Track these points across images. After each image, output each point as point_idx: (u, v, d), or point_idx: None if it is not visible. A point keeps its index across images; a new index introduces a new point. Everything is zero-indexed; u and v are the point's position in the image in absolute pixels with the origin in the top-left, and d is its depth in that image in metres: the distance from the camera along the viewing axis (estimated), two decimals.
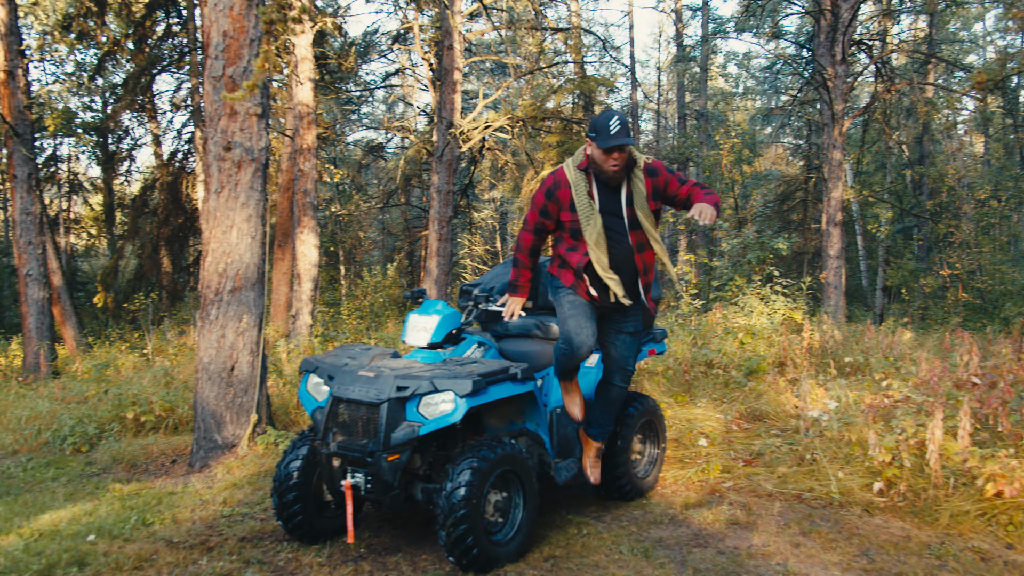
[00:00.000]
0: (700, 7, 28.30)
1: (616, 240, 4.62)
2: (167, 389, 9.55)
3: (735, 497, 5.55)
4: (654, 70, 34.74)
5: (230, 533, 5.31)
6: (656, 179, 4.62)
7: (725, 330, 10.24)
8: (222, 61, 6.86)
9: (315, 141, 13.39)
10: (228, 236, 7.02)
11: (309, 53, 12.93)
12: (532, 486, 4.58)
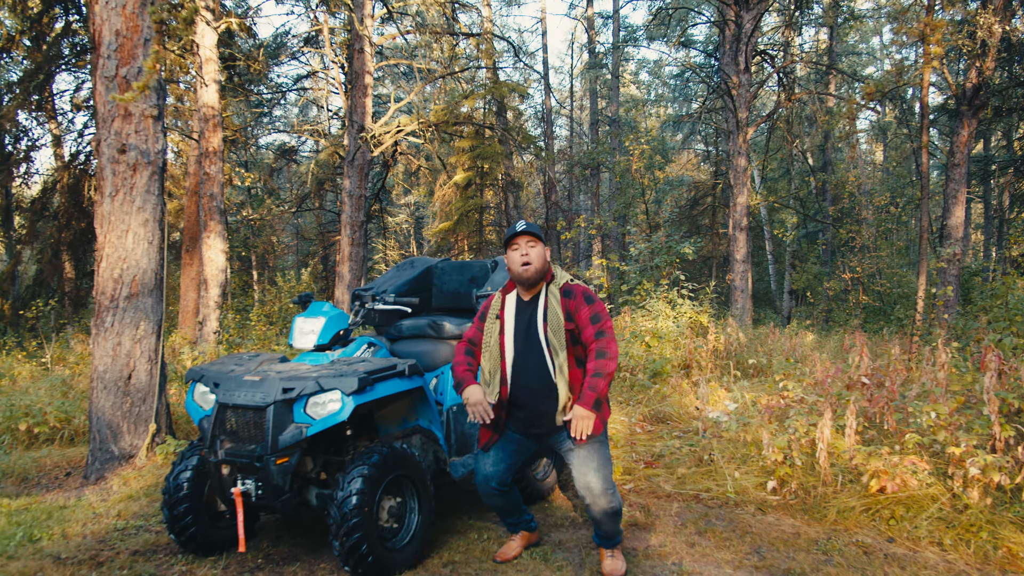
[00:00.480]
0: (611, 15, 28.71)
1: (529, 361, 4.22)
2: (63, 399, 9.23)
3: (635, 499, 5.64)
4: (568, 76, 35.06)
5: (122, 547, 5.16)
6: (570, 301, 4.22)
7: (632, 334, 10.40)
8: (115, 61, 6.67)
9: (221, 144, 13.12)
10: (124, 241, 6.83)
11: (214, 54, 12.67)
12: (427, 490, 4.58)
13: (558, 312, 4.17)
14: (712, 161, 28.57)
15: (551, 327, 4.17)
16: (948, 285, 14.36)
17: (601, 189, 27.17)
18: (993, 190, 29.06)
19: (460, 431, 5.29)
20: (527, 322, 4.26)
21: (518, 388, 4.25)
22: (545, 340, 4.17)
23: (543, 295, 4.25)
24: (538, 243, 4.21)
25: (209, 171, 13.12)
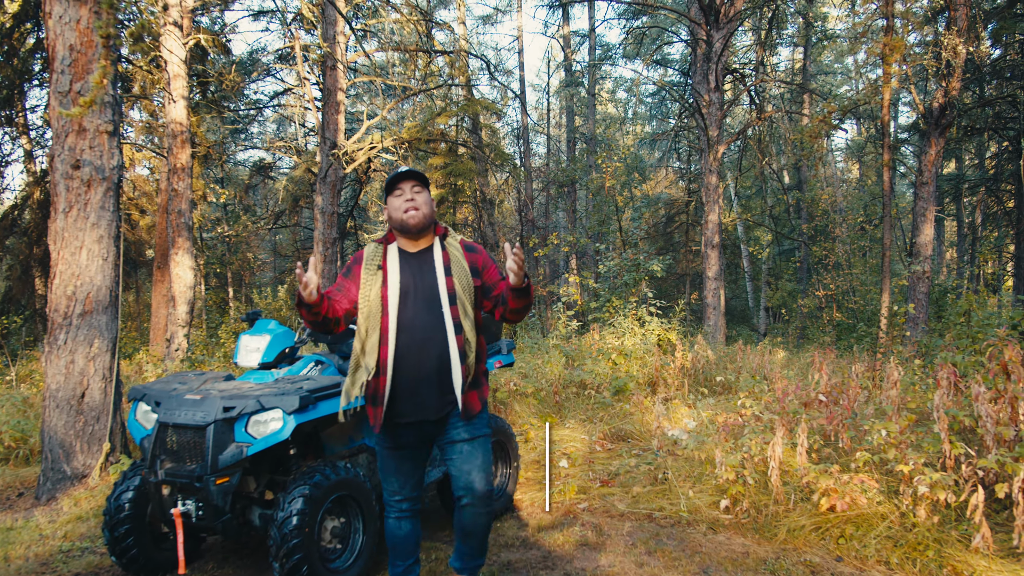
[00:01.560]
0: (587, 33, 28.86)
1: (420, 319, 3.59)
2: (21, 418, 9.10)
3: (588, 518, 5.61)
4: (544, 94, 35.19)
5: (65, 570, 5.07)
6: (474, 256, 3.75)
7: (599, 351, 10.39)
8: (69, 76, 6.61)
9: (189, 161, 13.05)
10: (77, 258, 6.75)
11: (182, 70, 12.62)
12: (372, 510, 4.53)
13: (464, 265, 3.66)
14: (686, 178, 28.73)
15: (459, 282, 3.63)
16: (912, 303, 14.44)
17: (578, 206, 27.24)
18: (965, 208, 29.33)
19: None
20: (419, 276, 3.65)
21: (405, 357, 3.57)
22: (450, 298, 3.59)
23: (437, 248, 3.71)
24: (424, 189, 3.71)
25: (177, 187, 13.04)
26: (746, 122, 18.90)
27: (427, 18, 18.97)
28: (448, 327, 3.58)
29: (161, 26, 12.68)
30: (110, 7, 5.46)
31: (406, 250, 3.73)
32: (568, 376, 9.53)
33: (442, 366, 3.58)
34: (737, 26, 16.99)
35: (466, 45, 22.69)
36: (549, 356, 10.32)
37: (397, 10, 18.23)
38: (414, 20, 17.79)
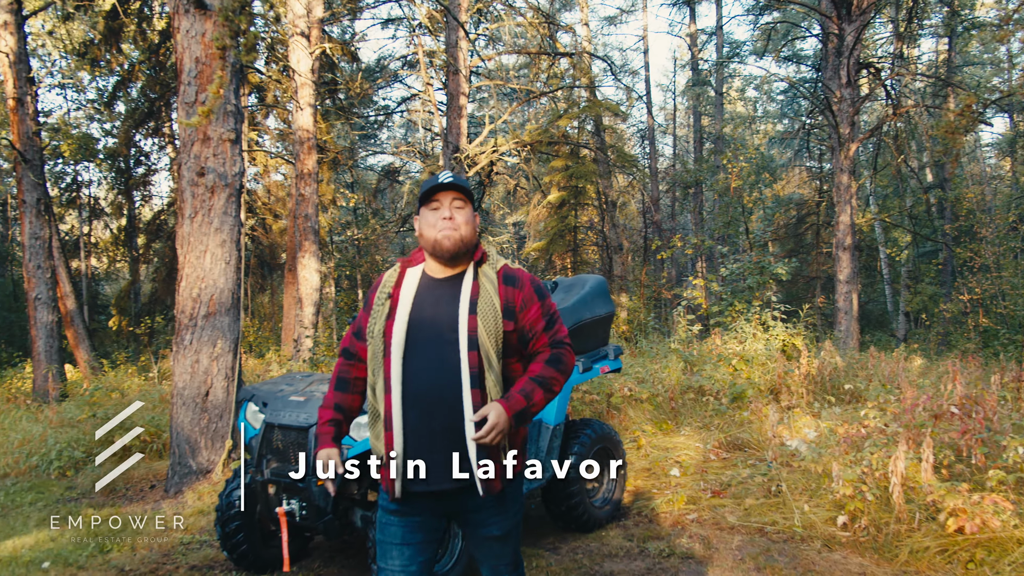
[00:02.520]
0: (714, 31, 28.25)
1: (431, 363, 2.81)
2: (156, 413, 9.57)
3: (697, 530, 5.42)
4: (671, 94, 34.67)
5: (183, 561, 5.27)
6: (514, 291, 2.92)
7: (719, 356, 10.10)
8: (194, 87, 6.89)
9: (315, 166, 13.46)
10: (202, 261, 7.03)
11: (309, 79, 13.03)
12: None
13: (495, 303, 2.85)
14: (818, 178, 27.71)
15: (484, 323, 2.81)
16: None
17: (704, 208, 26.70)
18: None
19: None
20: (437, 310, 2.87)
21: (413, 411, 2.81)
22: (469, 341, 2.78)
23: (468, 276, 2.90)
24: (467, 204, 2.92)
25: (304, 192, 13.47)
26: (881, 118, 18.05)
27: (550, 21, 18.99)
28: (463, 379, 2.76)
29: (289, 37, 13.11)
30: (225, 20, 5.65)
31: (431, 275, 2.94)
32: (686, 382, 9.29)
33: (454, 428, 2.77)
34: (871, 18, 16.25)
35: (589, 47, 22.58)
36: (667, 361, 10.10)
37: (520, 14, 18.31)
38: (537, 23, 17.82)
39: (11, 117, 13.86)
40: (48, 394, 13.67)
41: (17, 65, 13.71)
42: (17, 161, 13.81)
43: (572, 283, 5.83)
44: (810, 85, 23.82)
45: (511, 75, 22.43)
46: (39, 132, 14.32)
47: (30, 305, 13.99)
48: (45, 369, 13.85)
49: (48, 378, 13.77)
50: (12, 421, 10.77)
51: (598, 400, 8.32)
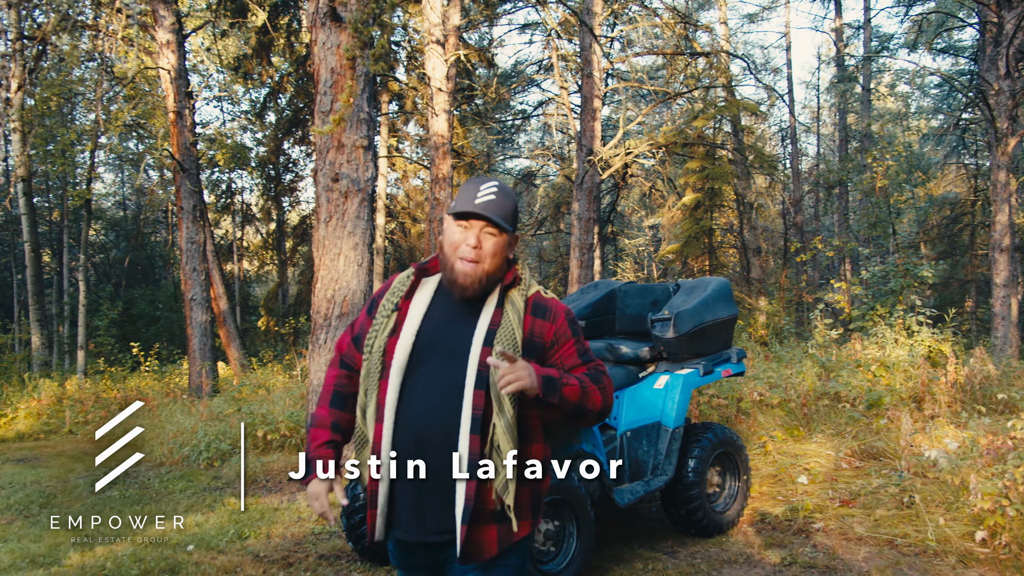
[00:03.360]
0: (862, 24, 27.19)
1: (431, 394, 2.42)
2: (296, 409, 10.03)
3: (821, 539, 5.27)
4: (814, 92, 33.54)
5: (312, 551, 5.52)
6: (544, 324, 2.52)
7: (856, 362, 9.73)
8: (330, 96, 7.20)
9: (450, 171, 13.76)
10: (336, 264, 7.32)
11: (444, 86, 13.34)
12: (586, 515, 4.53)
13: (515, 337, 2.44)
14: (973, 176, 26.20)
15: (501, 345, 2.41)
16: None
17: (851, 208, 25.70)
18: None
19: (634, 457, 5.20)
20: (450, 332, 2.49)
21: (406, 445, 2.40)
22: (477, 378, 2.38)
23: (492, 301, 2.50)
24: (500, 234, 2.46)
25: (439, 196, 13.79)
26: None
27: (686, 21, 18.74)
28: (463, 419, 2.36)
29: (424, 45, 13.47)
30: (355, 32, 5.88)
31: (450, 291, 2.54)
32: (820, 387, 9.00)
33: (444, 474, 2.36)
34: None
35: (728, 46, 22.15)
36: (802, 366, 9.81)
37: (656, 15, 18.16)
38: (673, 24, 17.64)
39: (171, 129, 14.80)
40: (201, 389, 14.52)
41: (177, 81, 14.63)
42: (176, 170, 14.73)
43: (694, 285, 5.77)
44: (966, 78, 22.61)
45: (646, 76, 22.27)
46: (196, 143, 15.23)
47: (186, 305, 14.89)
48: (199, 366, 14.70)
49: (202, 374, 14.62)
50: (168, 414, 11.50)
51: (727, 405, 8.18)
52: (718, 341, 5.59)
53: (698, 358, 5.46)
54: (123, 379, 15.42)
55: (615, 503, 4.86)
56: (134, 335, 20.39)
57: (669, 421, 5.15)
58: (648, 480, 5.08)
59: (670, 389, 5.23)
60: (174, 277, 25.89)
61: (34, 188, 21.21)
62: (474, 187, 2.50)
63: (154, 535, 6.06)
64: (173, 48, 14.62)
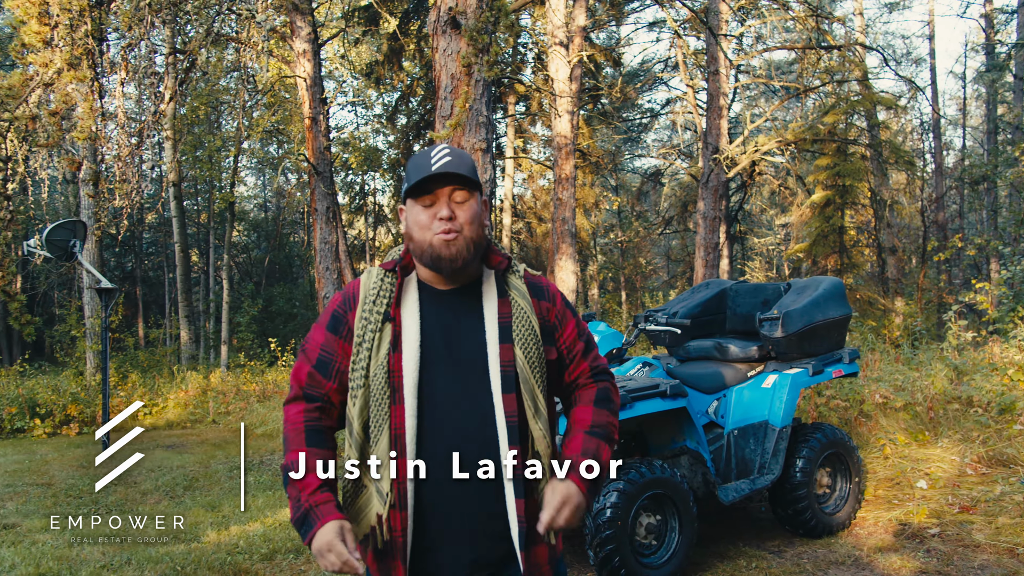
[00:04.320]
0: (1016, 8, 25.71)
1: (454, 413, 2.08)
2: None
3: (936, 545, 5.13)
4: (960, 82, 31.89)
5: None
6: (546, 306, 2.24)
7: (992, 365, 9.31)
8: (450, 102, 7.44)
9: (572, 171, 13.90)
10: None
11: (567, 86, 13.49)
12: (689, 511, 4.58)
13: (534, 326, 2.17)
14: None
15: (524, 353, 2.13)
16: None
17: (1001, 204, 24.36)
18: None
19: (740, 456, 5.21)
20: (454, 335, 2.15)
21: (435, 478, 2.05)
22: (504, 380, 2.09)
23: (490, 288, 2.19)
24: (471, 196, 2.13)
25: (561, 197, 13.96)
26: None
27: (818, 14, 18.26)
28: (499, 431, 2.06)
29: (548, 47, 13.66)
30: (470, 40, 6.08)
31: (432, 286, 2.20)
32: (951, 391, 8.66)
33: (489, 497, 2.06)
34: None
35: (863, 38, 21.41)
36: (931, 368, 9.46)
37: (787, 8, 17.76)
38: (804, 17, 17.22)
39: (307, 135, 15.50)
40: None
41: (312, 88, 15.30)
42: (311, 174, 15.42)
43: (805, 285, 5.71)
44: None
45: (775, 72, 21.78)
46: (329, 147, 15.90)
47: (319, 303, 15.56)
48: None
49: None
50: None
51: (848, 406, 7.99)
52: (829, 341, 5.52)
53: (808, 358, 5.41)
54: (261, 373, 16.24)
55: (719, 500, 4.89)
56: (273, 331, 21.40)
57: (776, 420, 5.13)
58: (754, 479, 5.08)
59: (778, 388, 5.21)
60: (310, 276, 27.04)
61: (184, 192, 22.59)
62: (423, 157, 2.13)
63: (283, 518, 6.45)
64: (309, 57, 15.31)
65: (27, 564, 5.27)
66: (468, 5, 7.27)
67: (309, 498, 2.02)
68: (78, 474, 8.76)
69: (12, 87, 6.20)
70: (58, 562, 5.32)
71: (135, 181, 11.30)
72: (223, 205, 20.93)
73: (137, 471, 8.76)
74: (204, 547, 5.64)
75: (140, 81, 11.72)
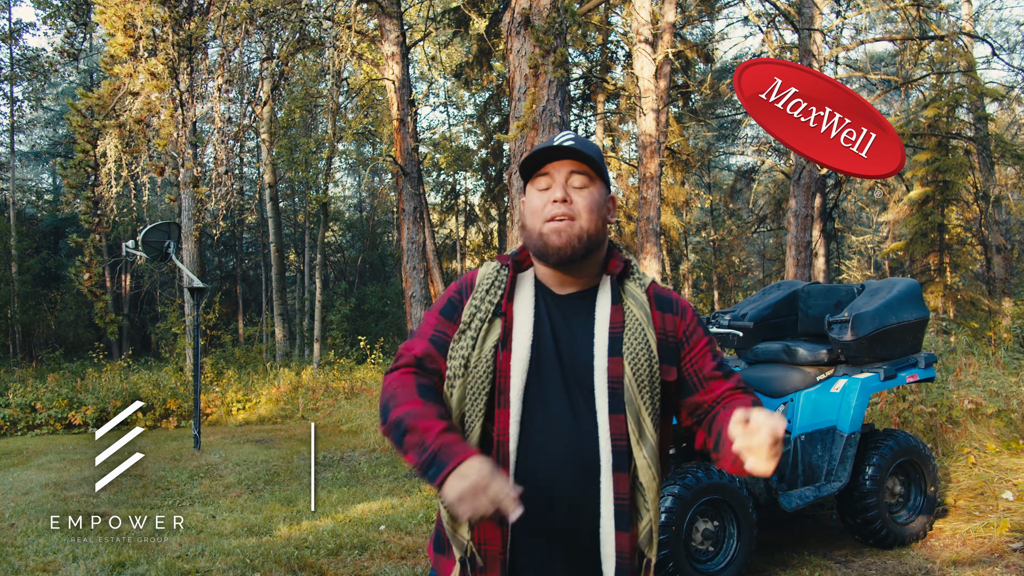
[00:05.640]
0: None
1: (558, 427, 1.90)
2: None
3: (1016, 560, 4.88)
4: None
5: None
6: (673, 319, 2.03)
7: None
8: (523, 102, 7.46)
9: (657, 170, 13.73)
10: None
11: (652, 84, 13.33)
12: (747, 516, 4.48)
13: (648, 340, 1.94)
14: None
15: (633, 369, 1.91)
16: None
17: None
18: None
19: (807, 462, 5.06)
20: (565, 342, 1.95)
21: (535, 489, 1.83)
22: (611, 398, 1.89)
23: (605, 294, 2.00)
24: (594, 181, 1.97)
25: (646, 195, 13.80)
26: None
27: (920, 3, 17.59)
28: (602, 456, 1.88)
29: (633, 45, 13.54)
30: (536, 41, 6.09)
31: (550, 288, 2.03)
32: None
33: (585, 524, 1.90)
34: None
35: (970, 27, 20.50)
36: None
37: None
38: (907, 7, 16.61)
39: (395, 136, 15.76)
40: None
41: (401, 90, 15.55)
42: (398, 175, 15.66)
43: (879, 286, 5.52)
44: None
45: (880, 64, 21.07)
46: (417, 148, 16.12)
47: (407, 302, 15.78)
48: None
49: None
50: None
51: (935, 412, 7.68)
52: (904, 345, 5.31)
53: (880, 362, 5.23)
54: (349, 370, 16.59)
55: (781, 507, 4.77)
56: (364, 329, 21.84)
57: (845, 426, 4.98)
58: (820, 486, 4.94)
59: (847, 393, 5.05)
60: (400, 275, 27.52)
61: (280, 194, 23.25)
62: (546, 141, 1.99)
63: (353, 514, 6.58)
64: (397, 60, 15.55)
65: (109, 552, 5.52)
66: (541, 6, 7.28)
67: (437, 438, 1.75)
68: (170, 466, 9.11)
69: (101, 96, 6.54)
70: (138, 551, 5.56)
71: (230, 183, 11.72)
72: (315, 207, 21.44)
73: (224, 465, 9.08)
74: (275, 540, 5.80)
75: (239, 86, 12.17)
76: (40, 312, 26.14)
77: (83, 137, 6.80)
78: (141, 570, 5.11)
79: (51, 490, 7.83)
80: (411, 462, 1.78)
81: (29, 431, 12.92)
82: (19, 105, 28.35)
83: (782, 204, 23.91)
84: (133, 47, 6.35)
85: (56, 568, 5.24)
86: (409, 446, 1.79)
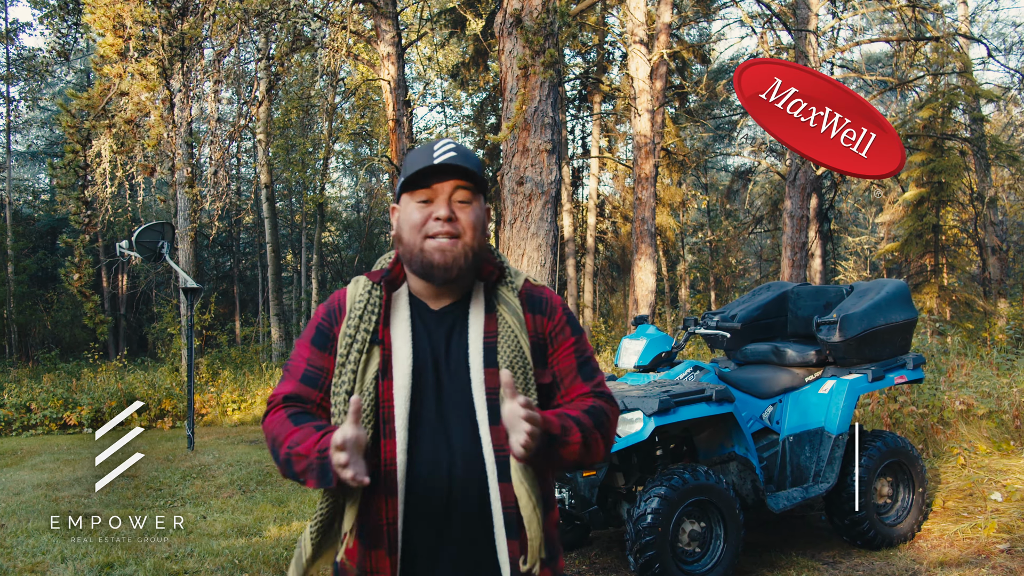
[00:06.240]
0: None
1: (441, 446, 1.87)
2: None
3: (1002, 561, 4.89)
4: None
5: None
6: (542, 321, 2.00)
7: None
8: (515, 103, 7.46)
9: (652, 170, 13.76)
10: (519, 264, 7.58)
11: (647, 84, 13.36)
12: (734, 518, 4.50)
13: (522, 347, 1.93)
14: None
15: (506, 362, 1.91)
16: None
17: None
18: None
19: (795, 463, 5.08)
20: (442, 359, 1.93)
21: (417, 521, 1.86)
22: (489, 409, 1.87)
23: (478, 303, 1.98)
24: (476, 197, 1.94)
25: (641, 196, 13.82)
26: None
27: (915, 4, 17.62)
28: (488, 467, 1.86)
29: (628, 46, 13.56)
30: (526, 42, 6.09)
31: (426, 303, 1.99)
32: None
33: (482, 538, 1.88)
34: None
35: (965, 28, 20.53)
36: (1021, 373, 9.02)
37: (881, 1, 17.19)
38: (903, 8, 16.63)
39: (391, 136, 15.76)
40: None
41: (396, 90, 15.55)
42: (394, 175, 15.67)
43: (868, 287, 5.53)
44: None
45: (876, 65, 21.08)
46: (412, 148, 16.13)
47: None
48: None
49: None
50: None
51: (926, 413, 7.68)
52: (892, 346, 5.33)
53: (869, 363, 5.24)
54: None
55: (769, 508, 4.78)
56: None
57: (832, 427, 4.99)
58: (807, 487, 4.95)
59: (835, 395, 5.06)
60: None
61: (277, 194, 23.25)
62: (425, 149, 1.94)
63: None
64: (393, 60, 15.55)
65: (98, 552, 5.52)
66: (532, 7, 7.28)
67: (314, 449, 1.76)
68: (163, 467, 9.11)
69: (91, 97, 6.54)
70: (127, 551, 5.56)
71: (226, 183, 11.71)
72: (313, 207, 21.45)
73: (217, 465, 9.08)
74: (264, 541, 5.80)
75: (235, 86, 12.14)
76: (36, 312, 26.16)
77: (73, 138, 6.80)
78: (129, 571, 5.12)
79: (43, 491, 7.83)
80: (312, 485, 1.78)
81: (24, 431, 12.92)
82: (15, 105, 28.39)
83: (778, 205, 23.93)
84: (123, 47, 6.34)
85: (44, 569, 5.24)
86: (303, 474, 1.79)
